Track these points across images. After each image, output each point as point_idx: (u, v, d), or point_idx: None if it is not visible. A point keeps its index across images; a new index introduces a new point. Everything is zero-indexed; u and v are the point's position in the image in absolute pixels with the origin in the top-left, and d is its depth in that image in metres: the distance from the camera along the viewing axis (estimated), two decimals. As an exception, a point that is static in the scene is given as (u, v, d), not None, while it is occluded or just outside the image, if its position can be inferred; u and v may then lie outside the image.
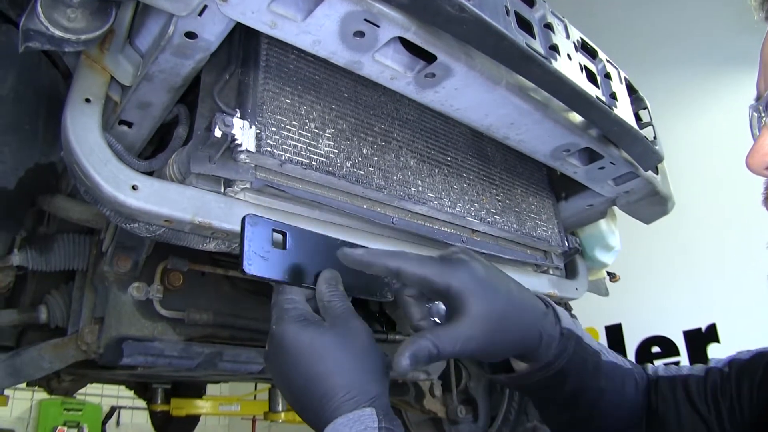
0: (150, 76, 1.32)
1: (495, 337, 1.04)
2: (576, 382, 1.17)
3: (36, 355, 1.92)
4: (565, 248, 2.13)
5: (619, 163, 1.86)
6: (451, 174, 1.80)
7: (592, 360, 1.20)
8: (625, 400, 1.26)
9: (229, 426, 10.59)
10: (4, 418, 7.93)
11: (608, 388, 1.22)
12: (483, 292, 1.04)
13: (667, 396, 1.28)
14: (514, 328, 1.07)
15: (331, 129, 1.51)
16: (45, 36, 1.13)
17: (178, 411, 5.46)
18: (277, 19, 1.17)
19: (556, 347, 1.14)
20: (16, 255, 1.95)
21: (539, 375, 1.16)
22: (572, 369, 1.16)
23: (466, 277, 1.04)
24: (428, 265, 1.06)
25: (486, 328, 1.02)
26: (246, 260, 1.02)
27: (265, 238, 1.07)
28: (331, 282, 1.11)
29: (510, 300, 1.08)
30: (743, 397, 1.20)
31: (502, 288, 1.08)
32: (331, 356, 0.99)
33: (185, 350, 1.96)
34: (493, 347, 1.05)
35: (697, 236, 5.50)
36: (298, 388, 1.00)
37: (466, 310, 1.02)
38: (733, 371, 1.25)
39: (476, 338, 1.01)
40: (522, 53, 1.33)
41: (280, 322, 1.04)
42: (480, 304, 1.02)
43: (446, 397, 3.22)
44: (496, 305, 1.04)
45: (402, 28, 1.21)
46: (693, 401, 1.25)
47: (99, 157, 1.23)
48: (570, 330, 1.17)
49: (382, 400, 0.98)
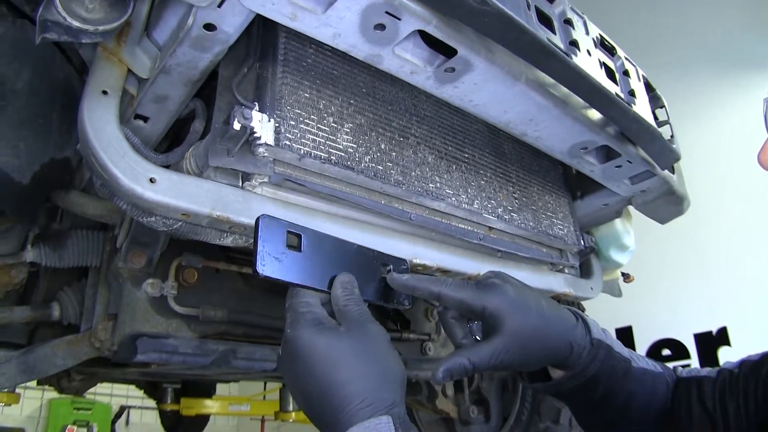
0: (167, 69, 1.31)
1: (527, 350, 1.15)
2: (606, 387, 1.25)
3: (49, 351, 1.92)
4: (580, 247, 2.11)
5: (636, 161, 1.84)
6: (469, 171, 1.78)
7: (622, 367, 1.27)
8: (654, 402, 1.31)
9: (238, 426, 10.59)
10: (15, 416, 7.96)
11: (638, 392, 1.28)
12: (515, 312, 1.15)
13: (683, 396, 1.32)
14: (545, 341, 1.18)
15: (349, 124, 1.49)
16: (62, 27, 1.12)
17: (188, 411, 5.46)
18: (297, 11, 1.16)
19: (586, 356, 1.23)
20: (29, 251, 1.95)
21: (572, 382, 1.24)
22: (603, 375, 1.24)
23: (498, 300, 1.15)
24: (465, 290, 1.17)
25: (518, 343, 1.14)
26: (259, 261, 1.01)
27: (280, 239, 1.06)
28: (347, 286, 1.10)
29: (541, 316, 1.18)
30: (749, 395, 1.22)
31: (532, 306, 1.18)
32: (347, 363, 0.98)
33: (199, 347, 1.95)
34: (526, 359, 1.16)
35: (708, 238, 5.47)
36: (313, 394, 0.98)
37: (500, 328, 1.13)
38: (743, 371, 1.27)
39: (509, 352, 1.13)
40: (543, 48, 1.32)
41: (295, 326, 1.02)
42: (512, 323, 1.13)
43: (458, 397, 3.21)
44: (527, 322, 1.15)
45: (423, 21, 1.20)
46: (703, 401, 1.28)
47: (116, 149, 1.22)
48: (599, 340, 1.25)
49: (398, 407, 0.97)
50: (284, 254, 1.05)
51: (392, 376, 1.01)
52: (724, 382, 1.28)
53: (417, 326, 2.70)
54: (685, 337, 5.81)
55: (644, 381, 1.31)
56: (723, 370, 1.31)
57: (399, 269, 1.26)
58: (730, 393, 1.25)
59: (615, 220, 2.37)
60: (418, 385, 3.16)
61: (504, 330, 1.13)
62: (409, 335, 2.59)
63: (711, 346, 5.63)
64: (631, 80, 1.80)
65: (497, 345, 1.13)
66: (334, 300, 1.09)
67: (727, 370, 1.31)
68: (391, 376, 1.01)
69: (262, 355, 2.11)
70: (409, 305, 1.26)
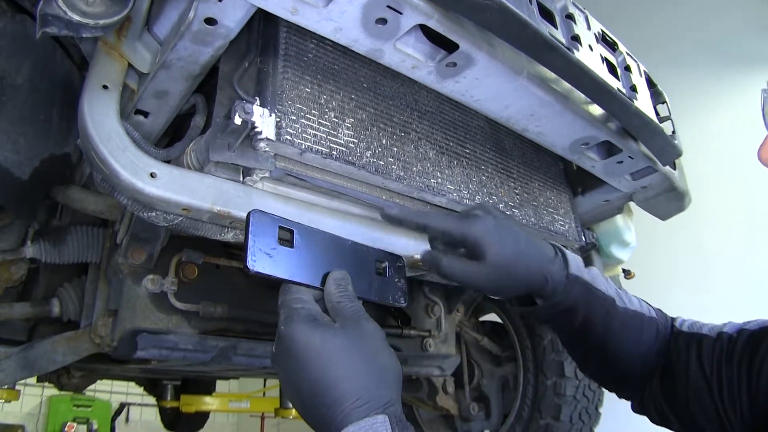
0: (168, 63, 1.30)
1: (502, 278, 1.25)
2: (585, 321, 1.33)
3: (49, 347, 1.92)
4: (582, 243, 2.11)
5: (638, 157, 1.84)
6: (470, 166, 1.78)
7: (603, 304, 1.34)
8: (640, 344, 1.37)
9: (238, 423, 10.60)
10: (15, 413, 7.96)
11: (620, 331, 1.35)
12: (494, 242, 1.24)
13: (682, 351, 1.35)
14: (520, 272, 1.27)
15: (350, 119, 1.49)
16: (63, 21, 1.12)
17: (188, 407, 5.47)
18: (298, 5, 1.15)
19: (561, 290, 1.30)
20: (29, 247, 1.95)
21: (547, 311, 1.35)
22: (580, 309, 1.32)
23: (479, 229, 1.24)
24: (449, 220, 1.27)
25: (494, 271, 1.23)
26: (250, 256, 1.01)
27: (271, 234, 1.05)
28: (341, 283, 1.10)
29: (518, 248, 1.27)
30: (743, 367, 1.22)
31: (510, 238, 1.27)
32: (342, 360, 0.97)
33: (200, 343, 1.95)
34: (500, 285, 1.27)
35: (710, 235, 5.46)
36: (307, 392, 0.97)
37: (480, 256, 1.23)
38: (741, 339, 1.27)
39: (484, 277, 1.23)
40: (545, 42, 1.32)
41: (288, 322, 1.01)
42: (491, 251, 1.23)
43: (459, 394, 3.21)
44: (504, 252, 1.24)
45: (425, 15, 1.20)
46: (702, 360, 1.30)
47: (117, 144, 1.22)
48: (576, 275, 1.32)
49: (395, 406, 0.96)
50: (276, 250, 1.05)
51: (388, 373, 1.00)
52: (722, 347, 1.29)
53: (417, 322, 2.69)
54: (685, 334, 5.81)
55: (629, 322, 1.37)
56: (723, 333, 1.32)
57: (395, 266, 1.26)
58: (727, 360, 1.26)
59: (616, 216, 2.36)
60: (419, 382, 3.17)
61: (483, 258, 1.23)
62: (410, 331, 2.59)
63: (712, 343, 5.63)
64: (632, 75, 1.79)
65: (473, 268, 1.23)
66: (328, 297, 1.08)
67: (726, 335, 1.31)
68: (387, 374, 1.00)
69: (262, 352, 2.11)
70: (405, 303, 1.26)
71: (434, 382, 3.14)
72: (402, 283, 1.26)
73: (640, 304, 1.43)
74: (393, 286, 1.24)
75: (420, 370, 2.76)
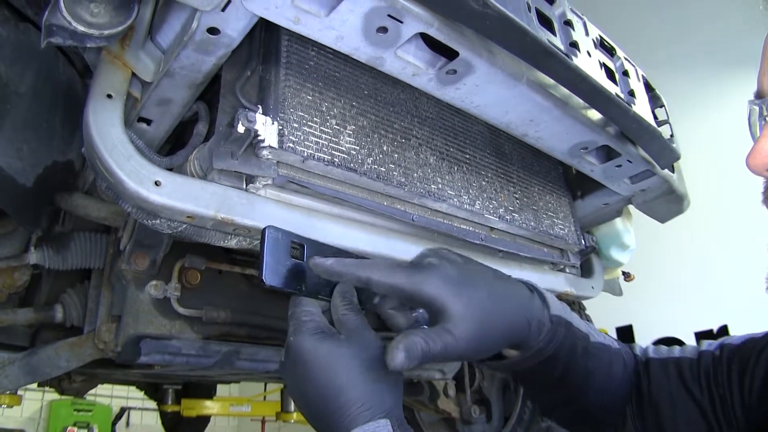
0: (171, 72, 1.31)
1: (482, 334, 1.02)
2: (566, 366, 1.18)
3: (53, 353, 1.93)
4: (581, 246, 2.12)
5: (636, 161, 1.85)
6: (470, 172, 1.79)
7: (582, 344, 1.21)
8: (612, 379, 1.27)
9: (239, 427, 10.60)
10: (15, 418, 7.96)
11: (595, 369, 1.24)
12: (459, 294, 1.02)
13: (660, 378, 1.28)
14: (500, 322, 1.06)
15: (352, 126, 1.50)
16: (67, 31, 1.13)
17: (189, 412, 5.47)
18: (300, 15, 1.16)
19: (546, 334, 1.14)
20: (32, 253, 1.96)
21: (530, 362, 1.16)
22: (562, 353, 1.17)
23: (437, 281, 1.03)
24: (398, 274, 1.04)
25: (470, 328, 1.00)
26: (266, 271, 1.04)
27: (284, 249, 1.09)
28: (346, 295, 1.12)
29: (491, 294, 1.06)
30: (733, 383, 1.21)
31: (479, 284, 1.07)
32: (347, 369, 1.00)
33: (203, 348, 1.96)
34: (482, 345, 1.03)
35: (709, 236, 5.47)
36: (314, 399, 1.01)
37: (445, 315, 1.00)
38: (725, 355, 1.26)
39: (463, 339, 0.99)
40: (544, 49, 1.33)
41: (297, 334, 1.05)
42: (458, 307, 1.01)
43: (460, 397, 3.22)
44: (475, 303, 1.03)
45: (425, 23, 1.21)
46: (686, 384, 1.26)
47: (121, 152, 1.23)
48: (559, 316, 1.17)
49: (396, 411, 1.00)
50: (288, 264, 1.08)
51: (388, 380, 1.03)
52: (708, 366, 1.27)
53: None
54: (686, 336, 5.81)
55: (601, 357, 1.25)
56: (704, 352, 1.29)
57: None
58: (715, 378, 1.24)
59: (615, 219, 2.37)
60: (420, 385, 3.17)
61: (449, 316, 1.00)
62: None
63: (711, 344, 5.64)
64: (630, 80, 1.81)
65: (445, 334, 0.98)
66: (333, 309, 1.11)
67: (709, 353, 1.28)
68: (387, 381, 1.03)
69: (265, 356, 2.12)
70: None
71: (435, 386, 3.14)
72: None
73: (603, 336, 1.32)
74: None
75: (421, 373, 2.76)
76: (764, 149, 1.00)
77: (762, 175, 1.04)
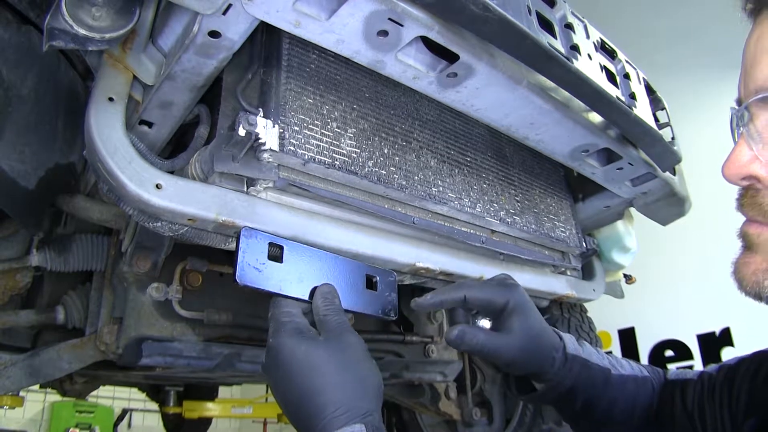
0: (173, 75, 1.32)
1: (525, 348, 1.27)
2: (586, 397, 1.35)
3: (55, 355, 1.93)
4: (582, 249, 2.12)
5: (638, 163, 1.85)
6: (471, 174, 1.79)
7: (601, 377, 1.37)
8: (638, 405, 1.39)
9: (240, 429, 10.59)
10: (17, 419, 7.97)
11: (620, 398, 1.38)
12: (527, 313, 1.29)
13: (667, 398, 1.38)
14: (539, 347, 1.30)
15: (352, 129, 1.50)
16: (69, 35, 1.14)
17: (191, 413, 5.48)
18: (301, 18, 1.17)
19: (560, 369, 1.33)
20: (34, 255, 1.96)
21: (552, 393, 1.35)
22: (580, 387, 1.34)
23: (519, 297, 1.29)
24: (489, 288, 1.30)
25: (522, 341, 1.27)
26: (239, 270, 1.08)
27: (261, 250, 1.12)
28: (328, 297, 1.14)
29: (540, 324, 1.32)
30: (724, 403, 1.26)
31: (537, 313, 1.33)
32: (323, 371, 1.01)
33: (204, 351, 1.96)
34: (522, 356, 1.27)
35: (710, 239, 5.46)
36: (292, 400, 1.02)
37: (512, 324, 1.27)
38: (721, 375, 1.31)
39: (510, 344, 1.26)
40: (545, 53, 1.33)
41: (276, 335, 1.07)
42: (524, 322, 1.27)
43: (461, 399, 3.21)
44: (534, 325, 1.30)
45: (426, 27, 1.21)
46: (685, 403, 1.33)
47: (123, 155, 1.23)
48: (573, 354, 1.35)
49: (373, 415, 1.00)
50: (264, 265, 1.11)
51: (368, 385, 1.04)
52: (704, 385, 1.32)
53: (420, 329, 2.70)
54: (688, 338, 5.81)
55: (626, 387, 1.39)
56: (704, 373, 1.35)
57: (386, 281, 1.30)
58: (708, 397, 1.29)
59: (617, 222, 2.38)
60: (421, 387, 3.17)
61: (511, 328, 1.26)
62: (412, 338, 2.59)
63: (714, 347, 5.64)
64: (631, 83, 1.81)
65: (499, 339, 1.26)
66: (315, 310, 1.13)
67: (707, 374, 1.34)
68: (367, 385, 1.03)
69: (266, 358, 2.12)
70: (395, 317, 1.32)
71: (437, 388, 3.14)
72: (392, 297, 1.30)
73: (631, 367, 1.46)
74: (383, 300, 1.29)
75: (422, 375, 2.76)
76: (738, 159, 0.96)
77: (738, 184, 1.00)
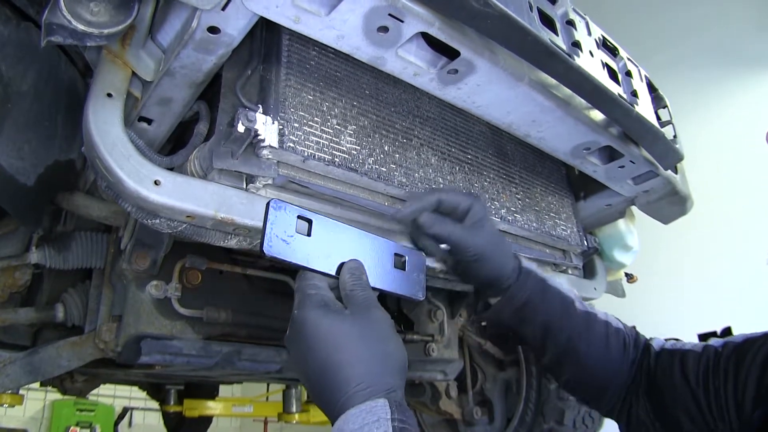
0: (171, 71, 1.31)
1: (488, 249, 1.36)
2: (545, 318, 1.41)
3: (54, 353, 1.93)
4: (584, 248, 2.11)
5: (639, 161, 1.84)
6: (472, 172, 1.78)
7: (559, 302, 1.44)
8: (608, 350, 1.44)
9: (241, 428, 10.60)
10: (18, 417, 7.98)
11: (587, 335, 1.43)
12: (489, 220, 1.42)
13: (666, 367, 1.39)
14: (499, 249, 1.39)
15: (352, 125, 1.49)
16: (67, 30, 1.13)
17: (191, 412, 5.48)
18: (300, 14, 1.16)
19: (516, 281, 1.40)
20: (33, 253, 1.96)
21: (508, 309, 1.41)
22: (537, 306, 1.41)
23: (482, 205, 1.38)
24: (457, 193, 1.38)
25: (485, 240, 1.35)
26: (267, 241, 1.04)
27: (289, 222, 1.08)
28: (355, 272, 1.12)
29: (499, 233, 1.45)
30: (729, 380, 1.26)
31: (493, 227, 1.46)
32: (348, 345, 1.00)
33: (204, 349, 1.96)
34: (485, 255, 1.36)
35: (712, 238, 5.45)
36: (315, 374, 1.00)
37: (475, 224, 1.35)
38: (726, 351, 1.31)
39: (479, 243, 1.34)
40: (546, 49, 1.32)
41: (301, 307, 1.05)
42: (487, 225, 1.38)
43: (462, 398, 3.21)
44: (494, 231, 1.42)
45: (426, 23, 1.20)
46: (686, 373, 1.33)
47: (121, 151, 1.23)
48: (529, 269, 1.43)
49: (397, 392, 0.98)
50: (293, 237, 1.08)
51: (393, 361, 1.02)
52: (708, 359, 1.32)
53: (420, 327, 2.70)
54: (689, 338, 5.77)
55: (593, 326, 1.45)
56: (708, 346, 1.35)
57: (414, 260, 1.27)
58: (713, 372, 1.29)
59: (618, 220, 2.36)
60: (422, 386, 3.17)
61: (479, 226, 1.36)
62: (413, 336, 2.59)
63: (715, 346, 5.60)
64: (633, 81, 1.80)
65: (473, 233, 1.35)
66: (342, 285, 1.11)
67: (712, 348, 1.34)
68: (392, 361, 1.02)
69: (266, 357, 2.12)
70: (423, 297, 1.27)
71: (437, 387, 3.14)
72: (421, 278, 1.27)
73: (605, 316, 1.51)
74: (411, 280, 1.25)
75: (423, 374, 2.76)
76: None
77: None
